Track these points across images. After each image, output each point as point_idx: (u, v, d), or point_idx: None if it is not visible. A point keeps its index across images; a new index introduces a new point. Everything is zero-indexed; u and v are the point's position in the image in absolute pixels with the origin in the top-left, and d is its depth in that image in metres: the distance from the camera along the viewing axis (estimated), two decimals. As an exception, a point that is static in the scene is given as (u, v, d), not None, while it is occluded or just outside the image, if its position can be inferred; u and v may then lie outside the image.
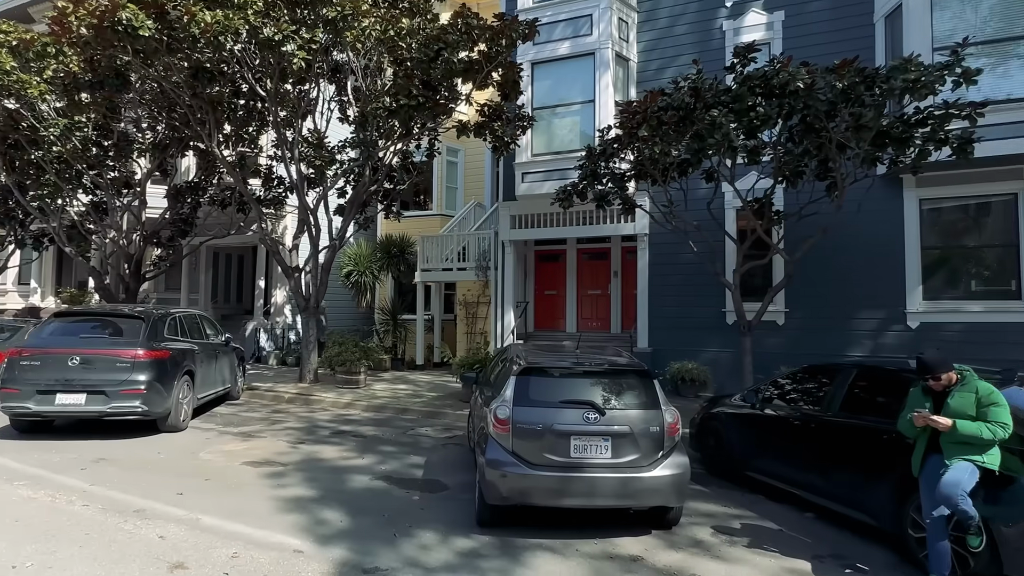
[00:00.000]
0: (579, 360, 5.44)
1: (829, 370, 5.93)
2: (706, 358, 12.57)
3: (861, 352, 11.53)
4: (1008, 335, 10.67)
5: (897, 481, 4.63)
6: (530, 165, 13.25)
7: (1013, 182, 10.78)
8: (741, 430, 6.62)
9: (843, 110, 7.84)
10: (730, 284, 9.53)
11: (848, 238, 11.43)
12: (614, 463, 4.78)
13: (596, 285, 15.65)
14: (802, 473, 5.63)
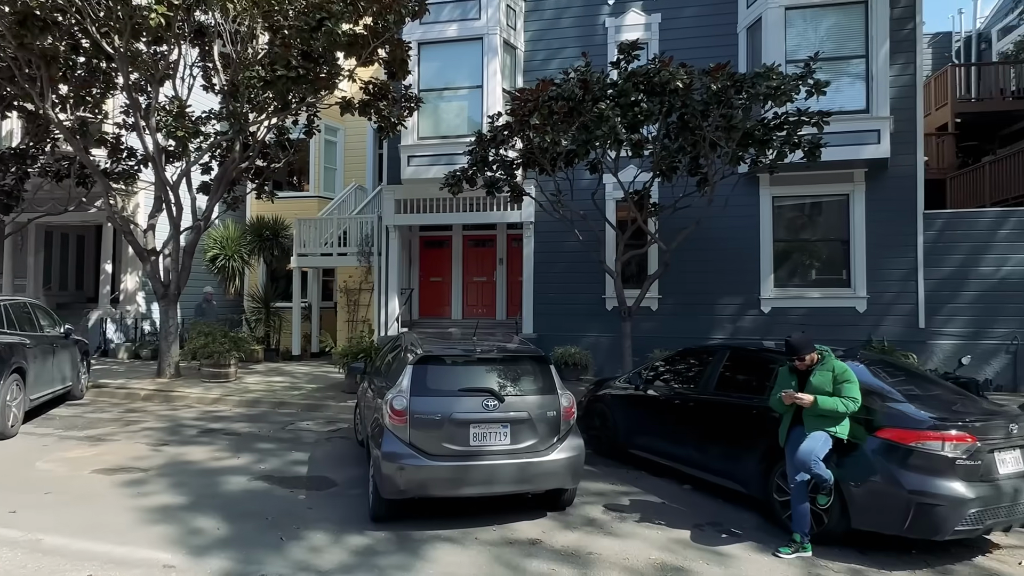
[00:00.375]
0: (477, 347, 5.38)
1: (705, 352, 6.38)
2: (587, 343, 13.08)
3: (723, 334, 12.61)
4: (841, 318, 12.20)
5: (764, 452, 5.10)
6: (416, 148, 12.91)
7: (846, 184, 12.28)
8: (626, 411, 6.95)
9: (715, 111, 8.44)
10: (613, 272, 9.96)
11: (714, 230, 12.38)
12: (513, 449, 4.80)
13: (482, 272, 15.69)
14: (682, 448, 6.03)
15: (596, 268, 12.74)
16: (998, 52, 19.28)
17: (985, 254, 11.85)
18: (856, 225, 12.21)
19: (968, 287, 11.87)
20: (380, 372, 6.21)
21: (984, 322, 11.80)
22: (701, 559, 4.38)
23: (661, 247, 9.80)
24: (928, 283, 11.96)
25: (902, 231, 12.07)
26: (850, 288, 12.25)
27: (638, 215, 9.85)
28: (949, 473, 4.13)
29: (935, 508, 4.07)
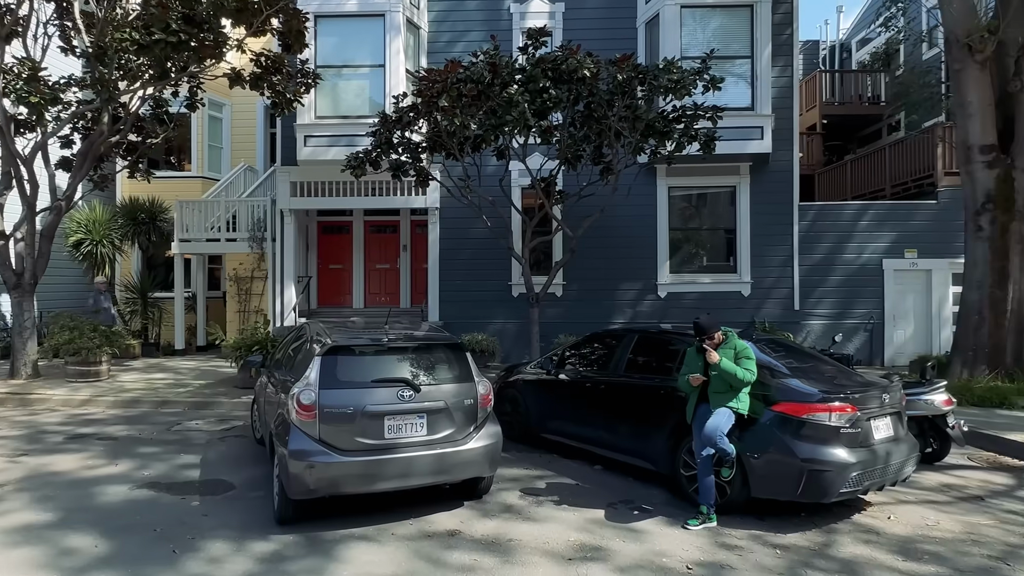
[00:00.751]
0: (390, 336, 5.16)
1: (613, 336, 6.56)
2: (493, 329, 13.11)
3: (624, 319, 13.11)
4: (728, 301, 13.09)
5: (671, 431, 5.33)
6: (314, 128, 12.20)
7: (733, 177, 13.14)
8: (537, 395, 7.01)
9: (619, 101, 8.66)
10: (521, 258, 10.00)
11: (616, 219, 12.79)
12: (430, 440, 4.66)
13: (384, 259, 15.22)
14: (593, 430, 6.17)
15: (502, 255, 12.75)
16: (857, 61, 21.41)
17: (848, 243, 13.18)
18: (742, 215, 13.12)
19: (834, 272, 13.16)
20: (282, 365, 5.80)
21: (847, 304, 13.15)
22: (617, 537, 4.50)
23: (568, 234, 9.97)
24: (802, 269, 13.12)
25: (781, 221, 13.13)
26: (736, 274, 13.17)
27: (546, 202, 9.94)
28: (835, 441, 4.53)
29: (824, 473, 4.45)
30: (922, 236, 13.10)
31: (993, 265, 9.52)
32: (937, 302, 13.13)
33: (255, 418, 7.01)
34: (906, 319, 13.24)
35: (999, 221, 9.48)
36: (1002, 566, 4.10)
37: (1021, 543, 4.48)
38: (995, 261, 9.51)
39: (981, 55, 9.23)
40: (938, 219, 13.10)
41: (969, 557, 4.23)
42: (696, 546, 4.35)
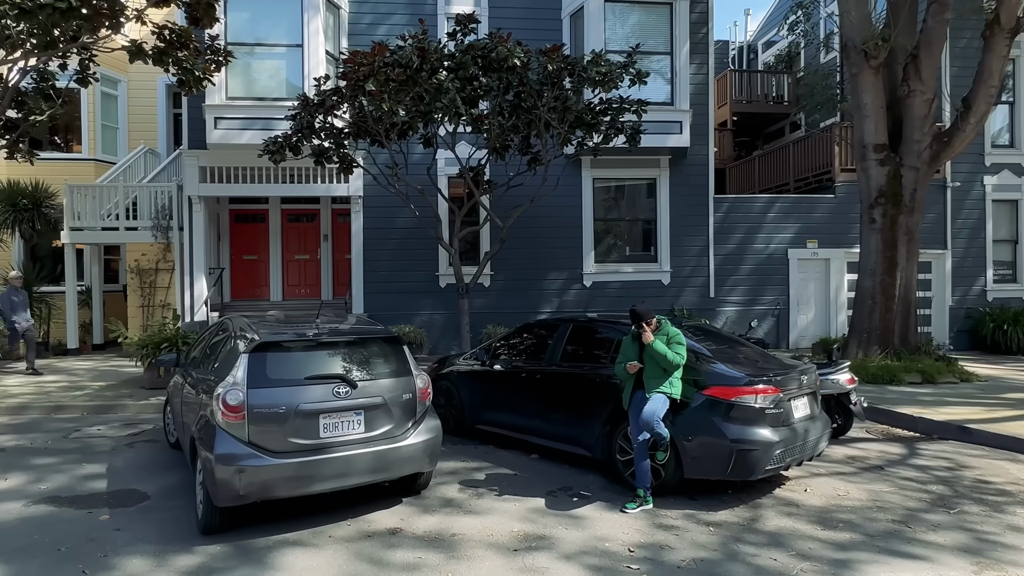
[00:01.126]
0: (322, 330, 4.92)
1: (549, 326, 6.61)
2: (421, 321, 12.91)
3: (551, 308, 13.30)
4: (649, 290, 13.57)
5: (607, 417, 5.44)
6: (226, 109, 11.43)
7: (653, 170, 13.59)
8: (472, 387, 6.96)
9: (549, 91, 8.70)
10: (451, 249, 9.87)
11: (542, 209, 12.87)
12: (368, 437, 4.50)
13: (304, 249, 14.59)
14: (530, 420, 6.21)
15: (429, 245, 12.54)
16: (763, 62, 22.69)
17: (758, 234, 14.00)
18: (662, 207, 13.61)
19: (746, 262, 13.95)
20: (201, 363, 5.41)
21: (757, 291, 13.99)
22: (560, 524, 4.55)
23: (497, 224, 9.94)
24: (717, 259, 13.81)
25: (697, 213, 13.74)
26: (657, 263, 13.67)
27: (475, 191, 9.85)
28: (760, 422, 4.79)
29: (751, 452, 4.70)
30: (822, 228, 14.14)
31: (884, 254, 10.41)
32: (834, 289, 14.24)
33: (168, 421, 6.51)
34: (808, 305, 14.28)
35: (889, 214, 10.37)
36: (905, 529, 4.50)
37: (918, 507, 4.94)
38: (886, 251, 10.40)
39: (876, 61, 10.03)
40: (835, 212, 14.18)
41: (877, 523, 4.61)
42: (636, 528, 4.47)
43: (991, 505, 4.99)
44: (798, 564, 3.93)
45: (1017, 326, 13.49)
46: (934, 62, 9.96)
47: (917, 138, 10.11)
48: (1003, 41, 9.51)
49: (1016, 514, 4.80)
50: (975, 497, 5.19)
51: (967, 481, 5.64)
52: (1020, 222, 14.81)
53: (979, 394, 9.06)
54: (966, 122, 9.92)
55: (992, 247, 14.68)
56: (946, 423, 7.50)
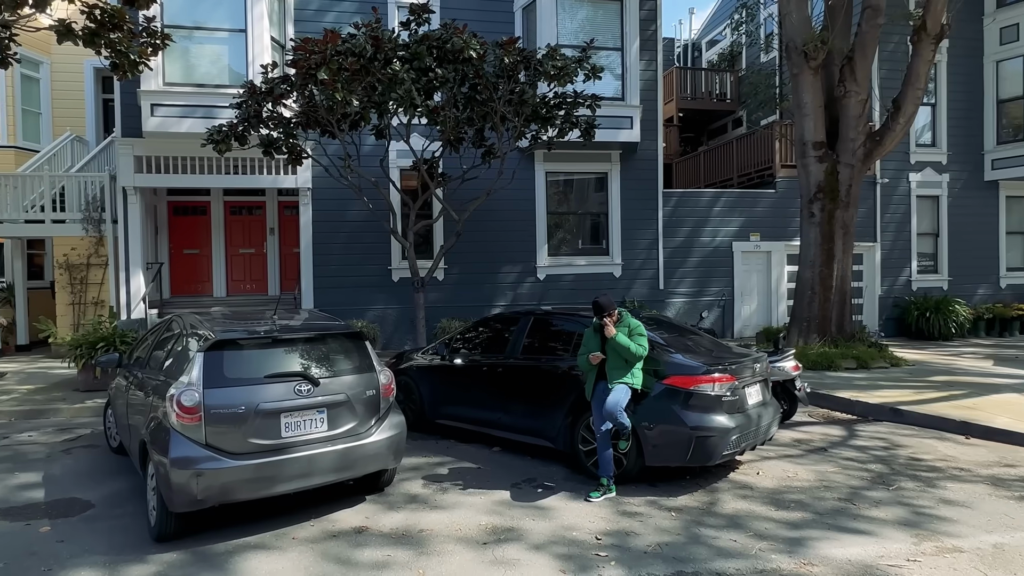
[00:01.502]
0: (280, 327, 4.76)
1: (510, 319, 6.62)
2: (373, 315, 12.71)
3: (505, 302, 13.34)
4: (602, 283, 13.80)
5: (570, 409, 5.52)
6: (163, 96, 10.86)
7: (605, 164, 13.80)
8: (432, 381, 6.91)
9: (504, 84, 8.68)
10: (406, 242, 9.74)
11: (496, 202, 12.87)
12: (332, 435, 4.40)
13: (249, 243, 14.09)
14: (492, 413, 6.22)
15: (382, 238, 12.35)
16: (707, 60, 23.35)
17: (704, 227, 14.45)
18: (613, 200, 13.85)
19: (693, 254, 14.38)
20: (147, 363, 5.15)
21: (704, 282, 14.46)
22: (527, 516, 4.58)
23: (453, 217, 9.87)
24: (666, 251, 14.18)
25: (647, 207, 14.05)
26: (609, 256, 13.91)
27: (429, 183, 9.73)
28: (718, 409, 4.96)
29: (709, 439, 4.87)
30: (764, 221, 14.72)
31: (823, 247, 10.95)
32: (775, 280, 14.88)
33: (110, 424, 6.18)
34: (751, 295, 14.86)
35: (827, 209, 10.90)
36: (850, 506, 4.77)
37: (861, 485, 5.25)
38: (824, 244, 10.94)
39: (815, 62, 10.50)
40: (776, 206, 14.79)
41: (825, 501, 4.87)
42: (601, 517, 4.56)
43: (925, 481, 5.35)
44: (756, 544, 4.10)
45: (938, 314, 14.47)
46: (868, 64, 10.51)
47: (852, 136, 10.66)
48: (929, 46, 10.14)
49: (947, 488, 5.17)
50: (910, 474, 5.55)
51: (902, 459, 6.02)
52: (940, 217, 15.85)
53: (907, 378, 9.68)
54: (896, 122, 10.54)
55: (916, 240, 15.67)
56: (880, 405, 7.98)
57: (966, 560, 3.86)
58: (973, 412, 7.56)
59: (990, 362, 11.11)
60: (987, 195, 16.08)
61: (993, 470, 5.68)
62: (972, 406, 7.90)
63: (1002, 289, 16.12)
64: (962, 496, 4.98)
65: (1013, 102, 15.62)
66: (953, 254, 15.84)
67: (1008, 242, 16.22)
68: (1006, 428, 6.92)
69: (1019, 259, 16.37)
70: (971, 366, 10.69)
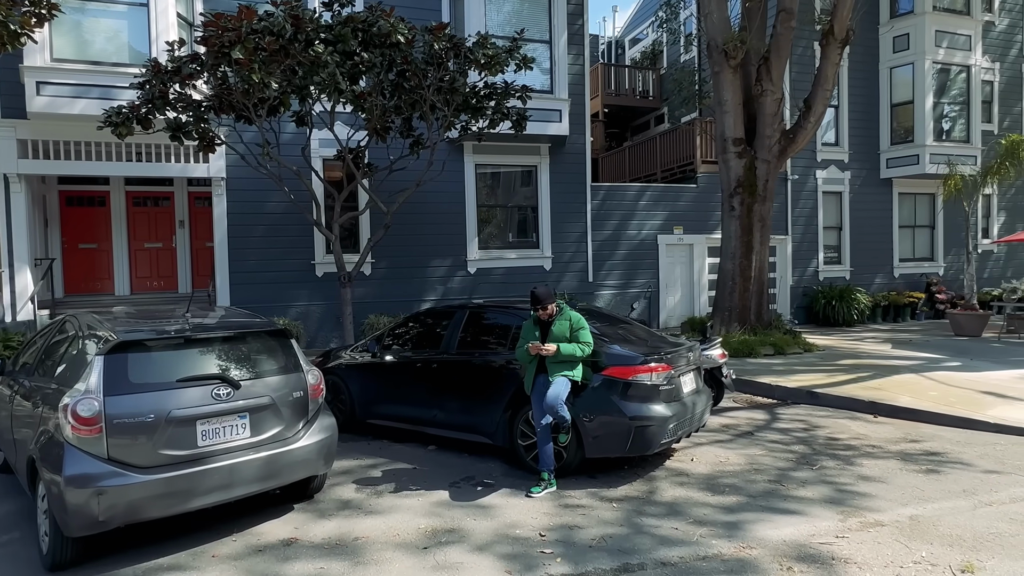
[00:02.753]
0: (196, 325, 4.34)
1: (444, 314, 6.42)
2: (296, 312, 12.12)
3: (435, 296, 13.08)
4: (532, 276, 13.81)
5: (508, 403, 5.41)
6: (52, 73, 9.80)
7: (534, 157, 13.79)
8: (363, 380, 6.60)
9: (433, 72, 8.42)
10: (331, 235, 9.28)
11: (425, 195, 12.57)
12: (256, 442, 4.05)
13: (156, 237, 13.05)
14: (427, 411, 6.01)
15: (304, 231, 11.77)
16: (630, 58, 23.89)
17: (631, 220, 14.76)
18: (543, 194, 13.87)
19: (620, 247, 14.66)
20: (36, 370, 4.57)
21: (631, 275, 14.78)
22: (467, 516, 4.43)
23: (381, 209, 9.51)
24: (594, 244, 14.37)
25: (576, 200, 14.18)
26: (539, 249, 13.93)
27: (355, 173, 9.31)
28: (656, 398, 5.00)
29: (648, 428, 4.89)
30: (686, 215, 15.22)
31: (742, 239, 11.42)
32: (697, 271, 15.44)
33: (-9, 440, 5.46)
34: (675, 287, 15.35)
35: (746, 203, 11.38)
36: (779, 487, 4.94)
37: (787, 466, 5.46)
38: (743, 236, 11.42)
39: (734, 61, 10.90)
40: (698, 200, 15.33)
41: (756, 484, 5.02)
42: (543, 512, 4.48)
43: (843, 459, 5.64)
44: (697, 530, 4.15)
45: (842, 302, 15.52)
46: (782, 64, 11.03)
47: (768, 133, 11.17)
48: (836, 50, 10.78)
49: (863, 465, 5.47)
50: (829, 453, 5.84)
51: (821, 440, 6.34)
52: (843, 211, 16.99)
53: (819, 362, 10.27)
54: (807, 121, 11.14)
55: (823, 233, 16.72)
56: (797, 389, 8.41)
57: (888, 533, 4.07)
58: (879, 392, 8.10)
59: (888, 345, 12.01)
60: (883, 192, 17.39)
61: (901, 446, 6.08)
62: (878, 387, 8.48)
63: (896, 278, 17.50)
64: (877, 472, 5.28)
65: (904, 106, 16.95)
66: (854, 246, 17.02)
67: (900, 235, 17.62)
68: (908, 406, 7.45)
69: (909, 251, 17.84)
70: (873, 350, 11.51)
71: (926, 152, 16.41)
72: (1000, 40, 18.34)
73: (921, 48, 16.44)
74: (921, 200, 17.89)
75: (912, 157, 16.68)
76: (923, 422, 7.10)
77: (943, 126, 16.83)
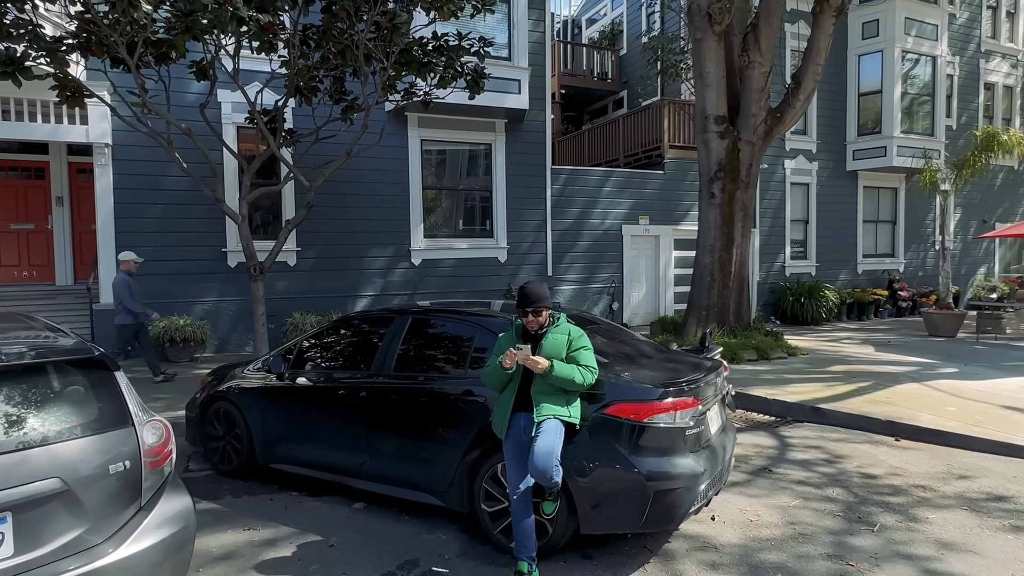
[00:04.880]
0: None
1: (379, 319, 4.74)
2: (203, 310, 10.11)
3: (373, 291, 11.30)
4: (486, 268, 12.22)
5: (467, 450, 3.82)
6: None
7: (489, 134, 12.16)
8: (266, 409, 4.85)
9: (370, 10, 6.66)
10: (237, 215, 7.37)
11: (362, 173, 10.78)
12: (25, 563, 2.30)
13: (27, 217, 10.71)
14: (353, 456, 4.33)
15: (214, 212, 9.75)
16: (587, 38, 22.51)
17: (594, 208, 13.36)
18: (498, 176, 12.27)
19: (582, 237, 13.24)
20: None
21: (593, 268, 13.39)
22: (407, 650, 2.82)
23: (303, 184, 7.67)
24: (554, 234, 12.89)
25: (535, 184, 12.64)
26: (493, 239, 12.34)
27: (270, 140, 7.42)
28: (681, 447, 3.51)
29: (673, 492, 3.40)
30: (653, 204, 13.96)
31: (723, 230, 10.19)
32: (663, 266, 14.22)
33: None
34: (640, 282, 14.09)
35: (728, 189, 10.15)
36: (847, 569, 3.57)
37: (838, 527, 4.12)
38: (724, 226, 10.19)
39: (719, 26, 9.60)
40: (665, 188, 14.08)
41: (814, 563, 3.63)
42: (525, 635, 2.92)
43: (901, 512, 4.36)
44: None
45: (811, 299, 14.68)
46: (773, 33, 9.83)
47: (754, 111, 9.95)
48: (830, 19, 9.65)
49: (930, 521, 4.20)
50: (879, 501, 4.55)
51: (855, 477, 5.07)
52: (810, 204, 16.19)
53: (809, 368, 9.16)
54: (796, 99, 9.99)
55: (790, 226, 15.86)
56: (798, 405, 7.20)
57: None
58: (891, 409, 7.00)
59: (871, 348, 11.10)
60: (848, 184, 16.70)
61: (954, 486, 4.87)
62: (886, 400, 7.38)
63: (859, 274, 16.89)
64: (955, 533, 4.01)
65: (871, 95, 16.27)
66: (820, 240, 16.27)
67: (864, 230, 17.02)
68: (932, 427, 6.34)
69: (873, 246, 17.27)
70: (857, 353, 10.55)
71: (894, 144, 15.78)
72: (960, 34, 17.99)
73: (891, 35, 15.76)
74: (884, 194, 17.35)
75: (879, 149, 16.04)
76: (953, 446, 6.00)
77: (911, 118, 16.26)
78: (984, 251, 18.92)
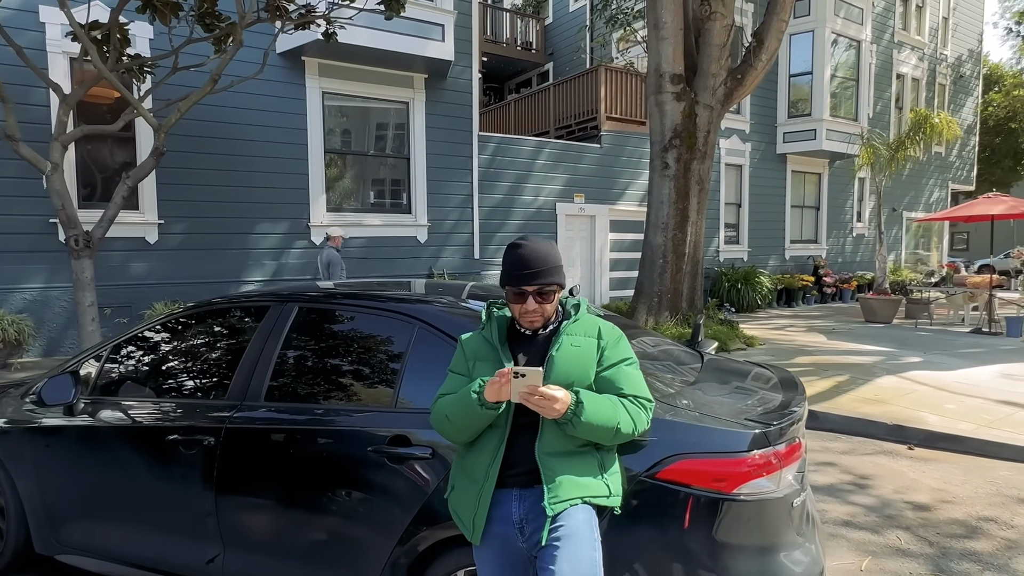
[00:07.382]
0: None
1: (244, 310, 2.88)
2: (26, 301, 7.64)
3: (262, 276, 9.18)
4: (403, 249, 10.40)
5: (397, 543, 2.12)
6: None
7: (406, 90, 10.29)
8: (48, 466, 2.88)
9: None
10: (44, 163, 5.10)
11: (250, 130, 8.62)
12: None
13: None
14: (195, 546, 2.50)
15: (36, 170, 7.31)
16: (510, 3, 20.91)
17: (526, 183, 11.86)
18: (417, 141, 10.44)
19: (514, 216, 11.71)
20: None
21: (525, 251, 11.90)
22: None
23: (151, 124, 5.51)
24: (482, 211, 11.27)
25: (460, 153, 10.94)
26: (411, 215, 10.52)
27: (95, 57, 5.20)
28: (787, 530, 2.01)
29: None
30: (588, 181, 12.66)
31: (677, 206, 9.01)
32: (599, 248, 13.00)
33: None
34: (574, 265, 12.79)
35: (683, 159, 8.96)
36: None
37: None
38: (679, 202, 9.02)
39: (679, -32, 8.31)
40: (601, 164, 12.83)
41: None
42: None
43: (982, 561, 3.18)
44: None
45: (747, 285, 14.05)
46: (737, -20, 8.68)
47: (714, 71, 8.78)
48: (797, -31, 8.63)
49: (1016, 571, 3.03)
50: (961, 551, 3.35)
51: (905, 510, 3.91)
52: (743, 187, 15.60)
53: (776, 361, 8.18)
54: (758, 59, 8.92)
55: (724, 209, 15.18)
56: (785, 406, 6.08)
57: None
58: (887, 408, 6.10)
59: (821, 336, 10.43)
60: (778, 168, 16.29)
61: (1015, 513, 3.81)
62: (875, 398, 6.48)
63: (787, 260, 16.61)
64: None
65: (801, 76, 15.89)
66: (752, 225, 15.75)
67: (791, 215, 16.73)
68: (945, 431, 5.45)
69: (799, 232, 17.05)
70: (812, 342, 9.79)
71: (823, 127, 15.48)
72: (877, 22, 18.12)
73: (822, 15, 15.37)
74: (810, 179, 17.16)
75: (809, 132, 15.69)
76: (976, 454, 5.11)
77: (837, 102, 16.05)
78: (894, 238, 19.37)
